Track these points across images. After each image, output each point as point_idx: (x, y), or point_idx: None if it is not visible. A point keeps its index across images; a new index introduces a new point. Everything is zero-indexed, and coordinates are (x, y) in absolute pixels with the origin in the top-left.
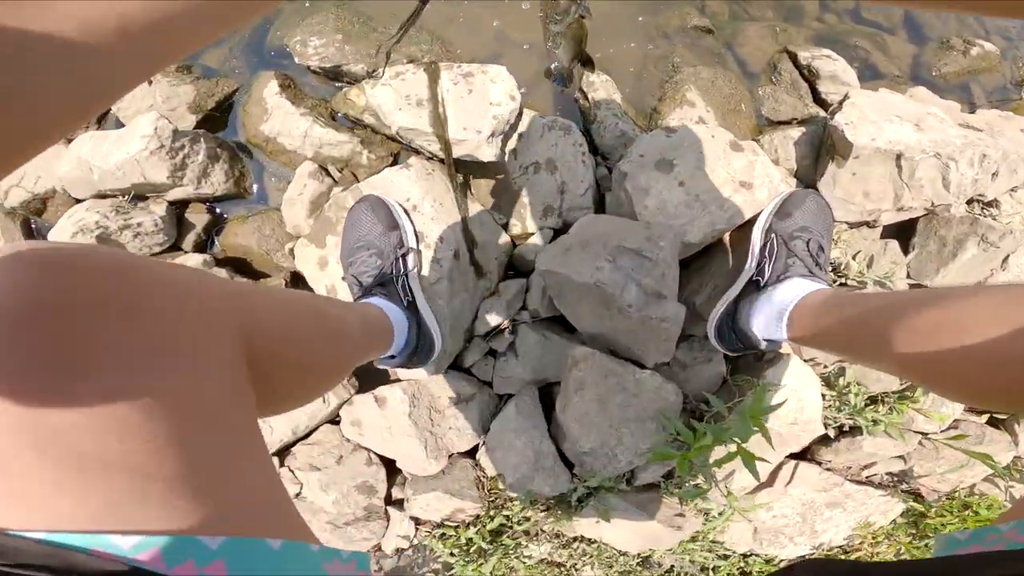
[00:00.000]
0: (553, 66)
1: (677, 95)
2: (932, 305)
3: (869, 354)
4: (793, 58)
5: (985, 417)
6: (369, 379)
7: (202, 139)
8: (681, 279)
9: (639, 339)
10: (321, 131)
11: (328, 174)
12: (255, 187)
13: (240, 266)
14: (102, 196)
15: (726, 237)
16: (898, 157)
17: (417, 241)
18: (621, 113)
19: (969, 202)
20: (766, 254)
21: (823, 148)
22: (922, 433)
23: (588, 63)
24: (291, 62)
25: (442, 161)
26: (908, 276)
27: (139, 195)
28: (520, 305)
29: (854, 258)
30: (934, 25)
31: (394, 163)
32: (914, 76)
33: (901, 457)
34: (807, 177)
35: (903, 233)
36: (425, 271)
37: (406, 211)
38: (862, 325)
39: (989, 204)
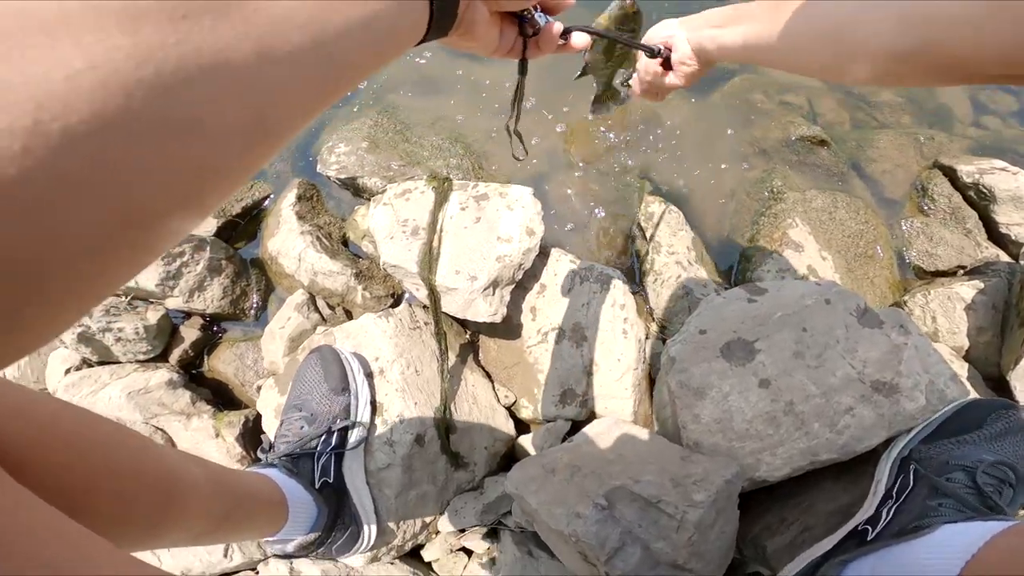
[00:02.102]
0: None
1: (777, 232)
2: None
3: None
4: (951, 175)
5: None
6: None
7: (208, 247)
8: (751, 506)
9: None
10: (314, 256)
11: (316, 309)
12: (255, 309)
13: (220, 391)
14: None
15: None
16: None
17: (372, 413)
18: (691, 260)
19: None
20: (892, 494)
21: (1014, 315)
22: None
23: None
24: (323, 167)
25: (434, 307)
26: None
27: (140, 297)
28: (507, 508)
29: None
30: None
31: (396, 304)
32: None
33: None
34: (988, 362)
35: None
36: (376, 452)
37: (369, 374)
38: None
39: None
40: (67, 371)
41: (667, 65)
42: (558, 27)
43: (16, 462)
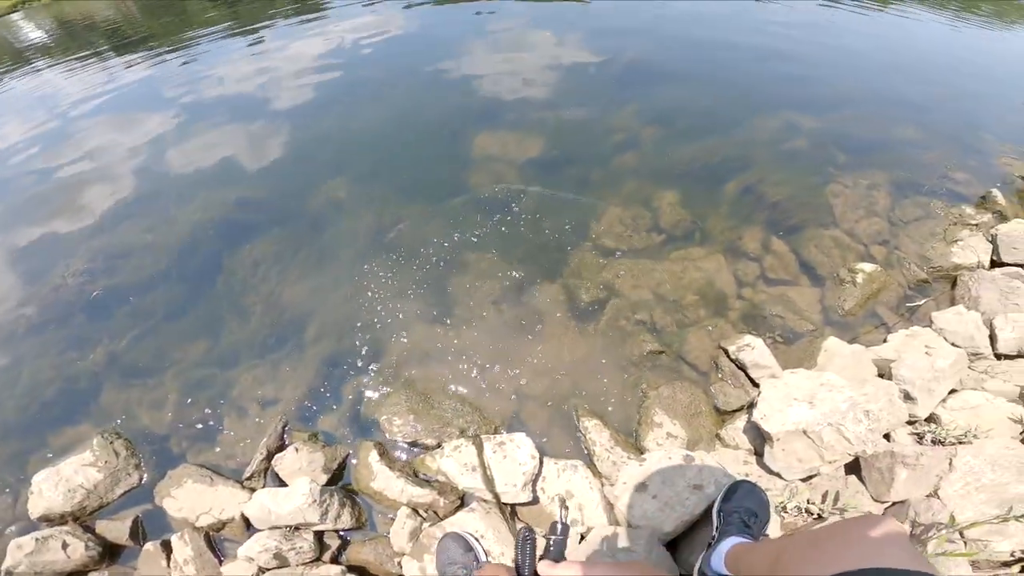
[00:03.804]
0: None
1: (648, 419)
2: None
3: None
4: (726, 353)
5: None
6: None
7: (336, 494)
8: (681, 542)
9: None
10: (412, 489)
11: (418, 513)
12: (368, 521)
13: (362, 571)
14: (273, 527)
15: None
16: (804, 432)
17: (486, 556)
18: (611, 446)
19: (911, 422)
20: (716, 527)
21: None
22: None
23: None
24: (382, 433)
25: (497, 502)
26: (873, 499)
27: (296, 526)
28: None
29: (824, 499)
30: (823, 262)
31: (462, 505)
32: (827, 322)
33: None
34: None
35: (858, 469)
36: None
37: (476, 539)
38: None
39: (930, 419)
40: None
41: None
42: None
43: None
